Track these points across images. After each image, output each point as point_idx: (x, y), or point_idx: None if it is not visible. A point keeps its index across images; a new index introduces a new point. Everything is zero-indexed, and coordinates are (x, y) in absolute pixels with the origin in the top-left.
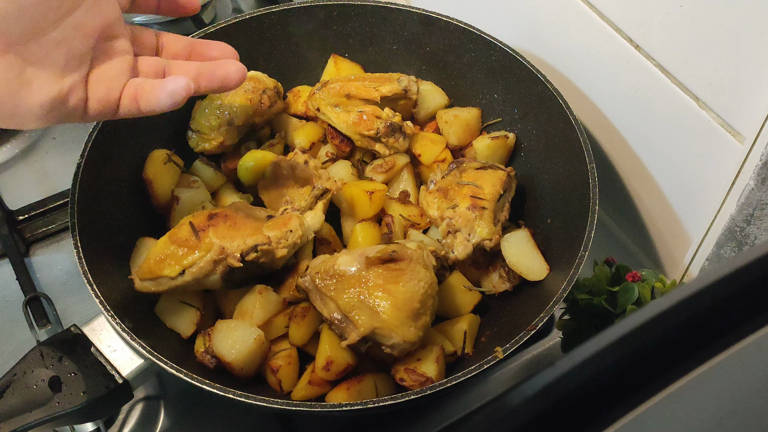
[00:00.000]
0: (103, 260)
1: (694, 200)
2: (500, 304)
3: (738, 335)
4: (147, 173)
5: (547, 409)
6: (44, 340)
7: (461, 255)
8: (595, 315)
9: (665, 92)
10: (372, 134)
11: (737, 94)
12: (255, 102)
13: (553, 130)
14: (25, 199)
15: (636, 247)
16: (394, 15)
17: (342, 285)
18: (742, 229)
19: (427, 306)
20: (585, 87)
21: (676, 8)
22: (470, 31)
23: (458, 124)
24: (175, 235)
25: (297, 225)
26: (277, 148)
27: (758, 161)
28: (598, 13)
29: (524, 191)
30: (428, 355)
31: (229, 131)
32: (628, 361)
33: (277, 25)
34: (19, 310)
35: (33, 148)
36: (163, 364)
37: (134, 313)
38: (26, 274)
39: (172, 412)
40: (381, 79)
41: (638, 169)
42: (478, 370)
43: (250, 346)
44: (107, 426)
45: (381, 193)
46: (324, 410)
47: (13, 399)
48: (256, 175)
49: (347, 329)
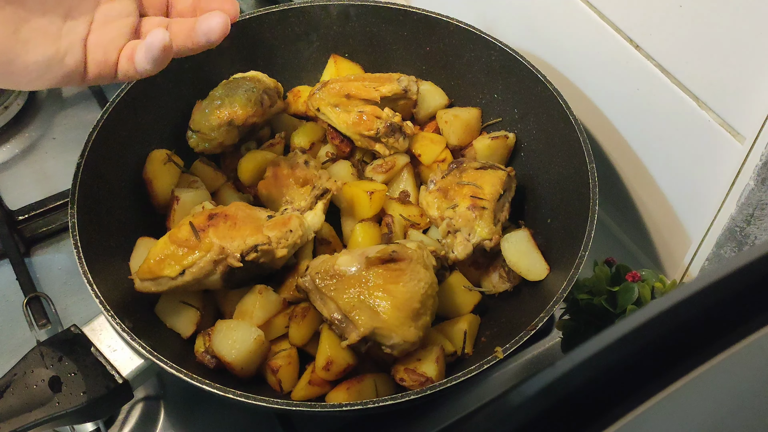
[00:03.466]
0: (103, 260)
1: (694, 200)
2: (500, 304)
3: (738, 335)
4: (147, 173)
5: (547, 409)
6: (44, 340)
7: (461, 255)
8: (595, 315)
9: (665, 92)
10: (372, 134)
11: (737, 94)
12: (255, 102)
13: (553, 130)
14: (25, 199)
15: (636, 247)
16: (394, 15)
17: (342, 285)
18: (742, 229)
19: (427, 306)
20: (585, 87)
21: (676, 8)
22: (470, 31)
23: (458, 124)
24: (175, 235)
25: (297, 225)
26: (277, 148)
27: (758, 161)
28: (598, 13)
29: (524, 191)
30: (428, 355)
31: (229, 131)
32: (628, 361)
33: (277, 25)
34: (19, 310)
35: (33, 148)
36: (163, 364)
37: (134, 313)
38: (26, 274)
39: (172, 412)
40: (381, 79)
41: (638, 169)
42: (478, 370)
43: (250, 346)
44: (107, 426)
45: (381, 193)
46: (324, 410)
47: (13, 399)
48: (256, 175)
49: (347, 329)
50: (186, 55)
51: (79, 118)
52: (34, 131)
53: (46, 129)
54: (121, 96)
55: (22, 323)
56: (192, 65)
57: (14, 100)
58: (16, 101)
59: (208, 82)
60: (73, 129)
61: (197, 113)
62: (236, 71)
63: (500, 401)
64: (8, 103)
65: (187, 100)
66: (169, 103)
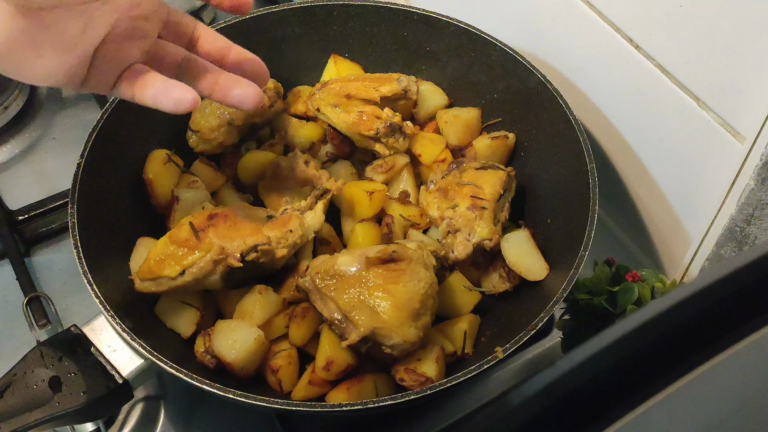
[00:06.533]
0: (103, 260)
1: (694, 200)
2: (500, 304)
3: (738, 335)
4: (147, 173)
5: (547, 409)
6: (44, 340)
7: (461, 255)
8: (595, 315)
9: (665, 92)
10: (372, 134)
11: (737, 94)
12: None
13: (553, 130)
14: (25, 199)
15: (636, 247)
16: (394, 15)
17: (342, 285)
18: (742, 229)
19: (428, 306)
20: (585, 87)
21: (676, 8)
22: (470, 31)
23: (458, 124)
24: (175, 235)
25: (297, 225)
26: (277, 148)
27: (758, 161)
28: (598, 13)
29: (524, 191)
30: (428, 355)
31: (229, 131)
32: (628, 361)
33: (277, 25)
34: (19, 310)
35: (33, 148)
36: (163, 364)
37: (134, 313)
38: (26, 274)
39: (172, 412)
40: (381, 79)
41: (638, 169)
42: (478, 370)
43: (250, 346)
44: (107, 426)
45: (381, 193)
46: (324, 410)
47: (13, 399)
48: (256, 175)
49: (347, 329)
50: None
51: (79, 118)
52: (34, 131)
53: (46, 129)
54: None
55: (22, 323)
56: None
57: (14, 100)
58: (16, 101)
59: None
60: (73, 129)
61: (197, 113)
62: None
63: (500, 401)
64: (8, 103)
65: None
66: None
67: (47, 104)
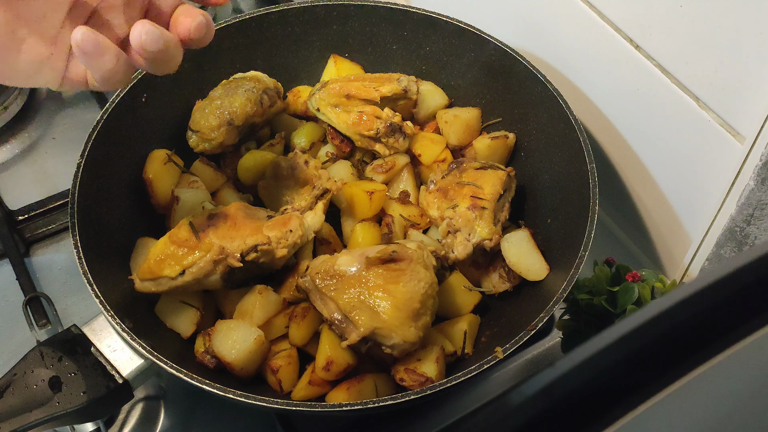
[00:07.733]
0: (103, 260)
1: (694, 200)
2: (500, 304)
3: (738, 335)
4: (147, 173)
5: (547, 409)
6: (44, 340)
7: (461, 255)
8: (595, 315)
9: (665, 92)
10: (372, 134)
11: (737, 94)
12: (255, 102)
13: (553, 130)
14: (25, 199)
15: (636, 247)
16: (394, 15)
17: (342, 285)
18: (742, 229)
19: (428, 306)
20: (585, 87)
21: (676, 8)
22: (470, 31)
23: (458, 124)
24: (175, 236)
25: (297, 225)
26: (277, 148)
27: (758, 161)
28: (598, 13)
29: (524, 191)
30: (428, 355)
31: (229, 131)
32: (628, 361)
33: (277, 25)
34: (19, 310)
35: (33, 148)
36: (163, 364)
37: (134, 313)
38: (26, 274)
39: (172, 412)
40: (381, 79)
41: (638, 169)
42: (478, 370)
43: (250, 346)
44: (107, 426)
45: (381, 193)
46: (324, 410)
47: (13, 399)
48: (256, 175)
49: (347, 329)
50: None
51: (79, 118)
52: (34, 131)
53: (46, 129)
54: (121, 96)
55: (22, 323)
56: (192, 65)
57: (14, 100)
58: (16, 101)
59: (208, 82)
60: (73, 129)
61: (197, 113)
62: (236, 71)
63: (500, 401)
64: (8, 103)
65: (187, 100)
66: (169, 103)
67: (47, 104)
